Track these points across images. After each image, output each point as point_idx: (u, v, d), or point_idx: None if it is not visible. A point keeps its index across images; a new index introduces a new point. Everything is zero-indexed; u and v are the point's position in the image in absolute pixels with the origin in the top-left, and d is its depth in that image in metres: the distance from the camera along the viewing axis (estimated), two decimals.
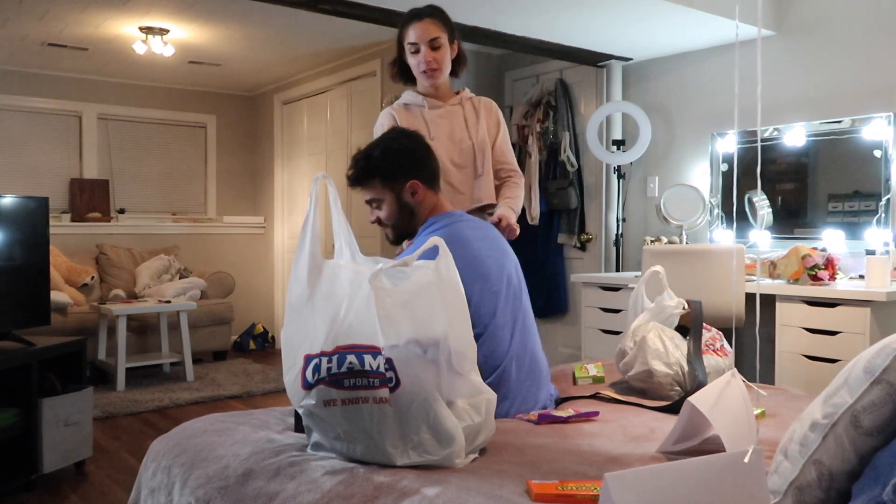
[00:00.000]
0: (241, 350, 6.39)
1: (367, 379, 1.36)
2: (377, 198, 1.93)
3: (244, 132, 6.94)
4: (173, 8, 4.27)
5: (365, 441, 1.38)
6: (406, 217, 1.94)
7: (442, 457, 1.37)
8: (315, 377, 1.39)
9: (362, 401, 1.36)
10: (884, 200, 3.50)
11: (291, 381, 1.43)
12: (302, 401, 1.42)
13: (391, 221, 1.95)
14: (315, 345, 1.40)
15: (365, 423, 1.37)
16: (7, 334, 3.01)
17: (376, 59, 5.27)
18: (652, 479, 0.89)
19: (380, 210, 1.95)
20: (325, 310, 1.41)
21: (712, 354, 2.08)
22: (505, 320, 1.84)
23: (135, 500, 1.66)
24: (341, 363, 1.37)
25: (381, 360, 1.36)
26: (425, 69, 2.30)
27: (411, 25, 2.28)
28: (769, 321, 3.31)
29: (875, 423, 1.05)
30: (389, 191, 1.91)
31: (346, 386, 1.37)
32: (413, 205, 1.92)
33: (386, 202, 1.93)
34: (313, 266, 1.45)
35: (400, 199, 1.92)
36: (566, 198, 4.82)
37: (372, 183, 1.91)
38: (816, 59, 3.80)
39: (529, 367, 1.88)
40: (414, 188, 1.91)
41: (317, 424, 1.43)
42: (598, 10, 3.68)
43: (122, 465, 3.32)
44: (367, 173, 1.91)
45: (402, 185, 1.90)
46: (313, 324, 1.41)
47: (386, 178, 1.90)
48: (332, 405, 1.38)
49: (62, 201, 5.95)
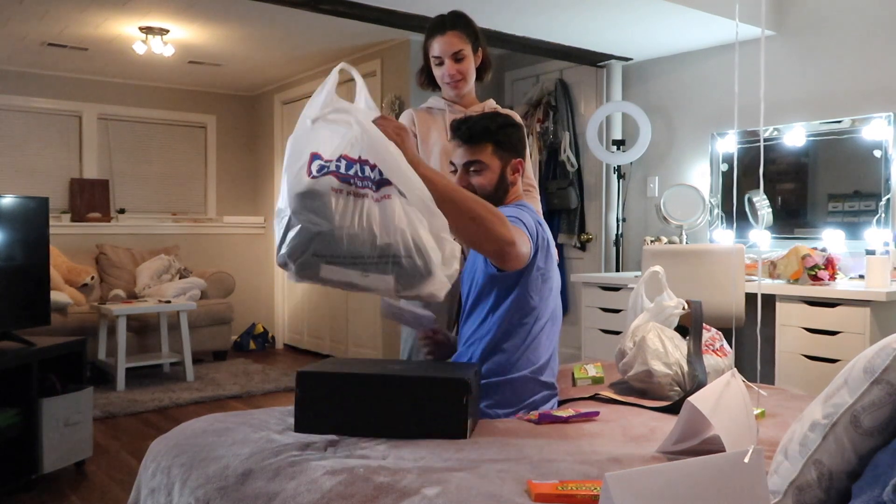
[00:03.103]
0: (241, 350, 6.39)
1: (369, 182, 1.43)
2: (483, 162, 1.90)
3: (244, 132, 6.94)
4: (173, 8, 4.27)
5: (350, 233, 1.39)
6: (502, 192, 1.93)
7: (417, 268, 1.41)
8: (321, 172, 1.40)
9: (363, 196, 1.41)
10: (884, 200, 3.50)
11: (295, 172, 1.41)
12: (304, 186, 1.39)
13: (485, 191, 1.91)
14: (323, 150, 1.43)
15: (361, 218, 1.39)
16: (7, 334, 3.01)
17: (376, 59, 5.27)
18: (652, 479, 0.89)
19: (479, 175, 1.91)
20: (335, 127, 1.47)
21: (712, 354, 2.08)
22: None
23: (135, 500, 1.66)
24: (349, 168, 1.42)
25: (377, 172, 1.44)
26: (449, 81, 2.34)
27: (435, 39, 2.31)
28: (769, 321, 3.31)
29: (875, 424, 1.05)
30: (498, 160, 1.91)
31: (351, 183, 1.41)
32: (510, 183, 1.95)
33: (489, 170, 1.91)
34: (330, 95, 1.51)
35: (503, 172, 1.93)
36: (566, 198, 4.82)
37: (483, 146, 1.90)
38: (816, 59, 3.80)
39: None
40: (518, 167, 1.94)
41: (311, 209, 1.39)
42: (598, 10, 3.68)
43: (122, 465, 3.32)
44: (484, 134, 1.90)
45: (510, 159, 1.93)
46: (323, 136, 1.45)
47: (499, 147, 1.91)
48: (338, 193, 1.39)
49: (62, 201, 5.95)
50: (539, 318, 1.84)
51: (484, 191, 1.90)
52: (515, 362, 1.81)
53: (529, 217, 1.82)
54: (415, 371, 1.63)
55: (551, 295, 1.87)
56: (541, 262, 1.81)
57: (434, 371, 1.63)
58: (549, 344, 1.89)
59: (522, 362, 1.82)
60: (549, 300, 1.86)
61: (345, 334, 5.74)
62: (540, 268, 1.81)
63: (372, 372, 1.63)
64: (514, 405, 1.81)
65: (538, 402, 1.84)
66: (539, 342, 1.84)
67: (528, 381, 1.82)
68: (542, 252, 1.82)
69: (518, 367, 1.81)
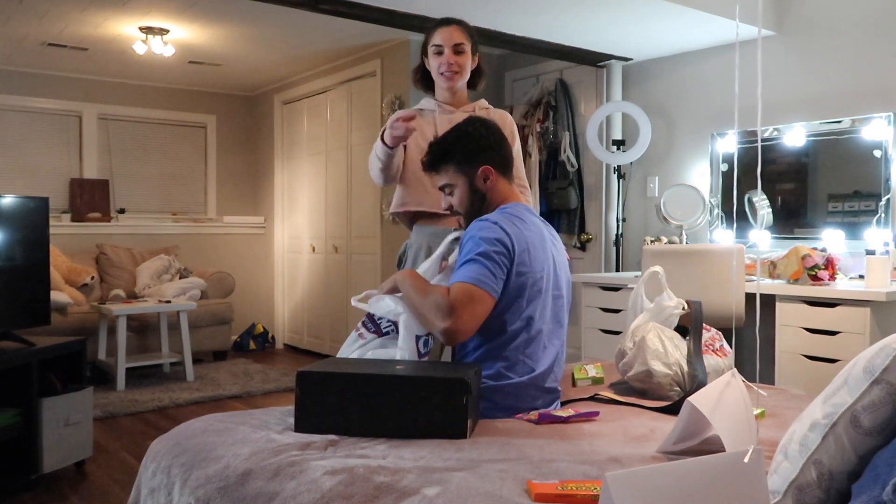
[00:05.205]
0: (241, 350, 6.39)
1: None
2: (450, 183, 1.94)
3: (244, 132, 6.94)
4: (173, 8, 4.27)
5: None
6: (478, 203, 1.93)
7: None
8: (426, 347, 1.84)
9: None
10: (884, 200, 3.50)
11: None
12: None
13: (463, 208, 1.94)
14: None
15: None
16: (7, 334, 3.01)
17: (376, 59, 5.27)
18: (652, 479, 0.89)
19: (452, 196, 1.95)
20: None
21: (712, 354, 2.08)
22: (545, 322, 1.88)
23: (135, 500, 1.66)
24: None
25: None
26: (445, 70, 2.34)
27: (438, 29, 2.35)
28: (769, 321, 3.31)
29: (875, 423, 1.05)
30: (463, 176, 1.92)
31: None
32: (485, 191, 1.93)
33: (458, 187, 1.93)
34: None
35: (472, 185, 1.92)
36: (566, 198, 4.82)
37: (446, 168, 1.93)
38: (816, 59, 3.80)
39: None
40: (486, 174, 1.92)
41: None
42: (598, 10, 3.68)
43: (122, 465, 3.32)
44: (441, 158, 1.92)
45: (475, 170, 1.91)
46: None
47: (459, 163, 1.91)
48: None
49: (62, 201, 5.95)
50: (536, 320, 1.81)
51: (463, 207, 1.95)
52: (513, 367, 1.80)
53: (489, 233, 1.77)
54: (415, 371, 1.63)
55: (543, 292, 1.83)
56: (521, 266, 1.78)
57: (434, 371, 1.63)
58: (551, 347, 1.86)
59: (520, 368, 1.80)
60: (540, 299, 1.82)
61: (345, 334, 5.73)
62: (520, 275, 1.78)
63: (372, 372, 1.63)
64: (514, 411, 1.80)
65: (539, 409, 1.83)
66: (537, 346, 1.82)
67: (527, 388, 1.81)
68: (519, 259, 1.78)
69: (516, 372, 1.80)
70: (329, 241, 5.96)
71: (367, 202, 5.50)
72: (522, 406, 1.81)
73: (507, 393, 1.79)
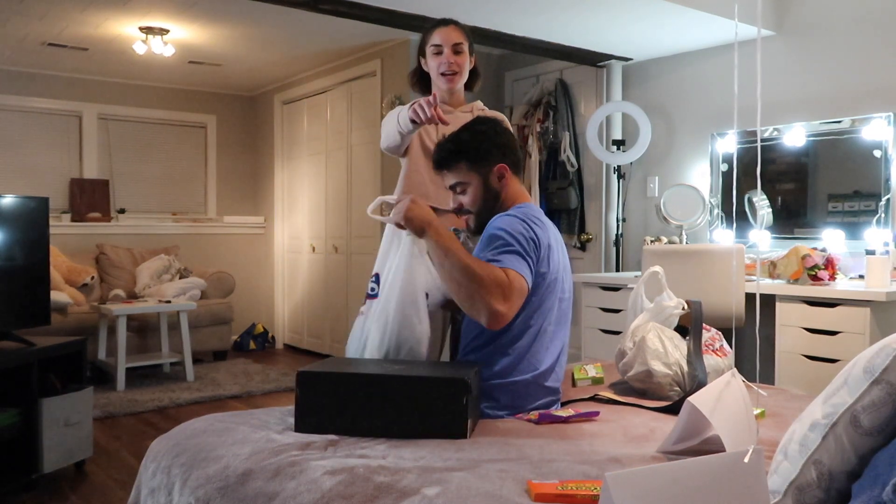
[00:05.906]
0: (241, 350, 6.39)
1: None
2: (462, 181, 1.90)
3: (244, 132, 6.94)
4: (173, 8, 4.27)
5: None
6: (491, 202, 1.91)
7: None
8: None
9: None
10: (884, 200, 3.50)
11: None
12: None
13: (475, 207, 1.91)
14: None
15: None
16: (7, 334, 3.01)
17: (376, 59, 5.27)
18: (652, 479, 0.89)
19: (464, 195, 1.92)
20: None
21: (712, 354, 2.08)
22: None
23: (135, 500, 1.66)
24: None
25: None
26: (445, 70, 2.34)
27: (436, 30, 2.36)
28: (769, 321, 3.31)
29: (875, 423, 1.05)
30: (476, 174, 1.89)
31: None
32: (499, 189, 1.90)
33: (472, 186, 1.90)
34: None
35: (486, 183, 1.89)
36: (566, 198, 4.82)
37: (458, 166, 1.89)
38: (816, 59, 3.80)
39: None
40: (501, 172, 1.89)
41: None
42: (598, 10, 3.68)
43: (122, 465, 3.32)
44: (454, 155, 1.89)
45: (490, 168, 1.89)
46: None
47: (473, 161, 1.88)
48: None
49: (62, 201, 5.95)
50: (544, 319, 1.82)
51: (475, 206, 1.91)
52: (517, 365, 1.80)
53: (522, 228, 1.77)
54: (415, 371, 1.63)
55: (553, 293, 1.84)
56: (542, 266, 1.80)
57: (434, 371, 1.63)
58: (553, 348, 1.86)
59: (524, 366, 1.80)
60: (551, 300, 1.84)
61: (345, 334, 5.73)
62: (540, 275, 1.80)
63: (372, 372, 1.63)
64: (515, 409, 1.81)
65: (540, 408, 1.83)
66: (542, 345, 1.83)
67: (529, 385, 1.81)
68: (543, 258, 1.80)
69: (520, 370, 1.80)
70: (329, 241, 5.96)
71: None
72: (524, 404, 1.81)
73: (511, 390, 1.79)
